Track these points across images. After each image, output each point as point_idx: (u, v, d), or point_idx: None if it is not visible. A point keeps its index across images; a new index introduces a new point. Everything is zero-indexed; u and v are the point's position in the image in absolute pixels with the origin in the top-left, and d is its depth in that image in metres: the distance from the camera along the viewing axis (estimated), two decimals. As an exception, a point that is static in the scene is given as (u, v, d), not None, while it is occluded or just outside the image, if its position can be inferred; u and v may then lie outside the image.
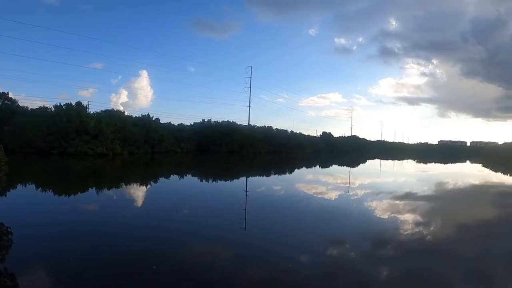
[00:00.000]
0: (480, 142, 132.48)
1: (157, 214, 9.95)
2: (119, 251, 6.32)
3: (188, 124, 54.14)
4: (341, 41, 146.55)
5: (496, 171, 37.21)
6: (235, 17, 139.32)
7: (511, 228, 10.26)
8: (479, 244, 7.99)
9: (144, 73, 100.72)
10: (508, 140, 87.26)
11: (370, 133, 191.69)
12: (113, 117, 39.40)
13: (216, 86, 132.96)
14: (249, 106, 65.48)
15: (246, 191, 15.23)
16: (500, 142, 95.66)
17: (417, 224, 9.42)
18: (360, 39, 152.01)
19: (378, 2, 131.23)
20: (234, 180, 21.35)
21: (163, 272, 5.30)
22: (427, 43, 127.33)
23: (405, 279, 5.54)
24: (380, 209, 11.57)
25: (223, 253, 6.53)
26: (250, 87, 66.02)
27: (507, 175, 32.85)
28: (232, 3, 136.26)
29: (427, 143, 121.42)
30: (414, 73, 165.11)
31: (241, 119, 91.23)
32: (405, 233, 8.43)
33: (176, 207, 11.13)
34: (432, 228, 9.19)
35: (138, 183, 16.97)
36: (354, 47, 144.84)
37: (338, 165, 39.25)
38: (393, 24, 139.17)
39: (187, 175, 22.88)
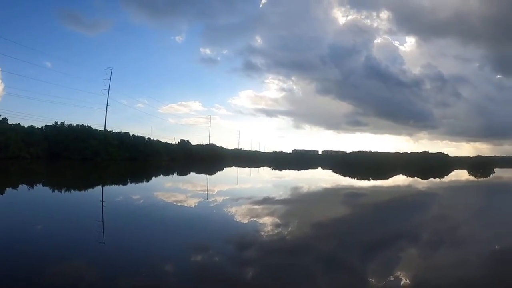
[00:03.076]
0: (331, 151, 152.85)
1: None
2: None
3: (40, 127, 49.88)
4: (207, 51, 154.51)
5: (344, 175, 44.54)
6: (107, 14, 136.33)
7: (360, 222, 12.17)
8: (334, 238, 9.39)
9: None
10: (355, 149, 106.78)
11: (228, 142, 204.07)
12: (-47, 115, 32.64)
13: (74, 86, 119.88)
14: (106, 110, 63.87)
15: (103, 201, 14.26)
16: (348, 151, 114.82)
17: (277, 225, 10.37)
18: (225, 52, 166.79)
19: (247, 19, 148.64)
20: (89, 190, 19.96)
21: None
22: (288, 61, 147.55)
23: (270, 276, 6.09)
24: (240, 214, 12.25)
25: (80, 270, 5.97)
26: (109, 89, 64.11)
27: (354, 178, 39.80)
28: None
29: (282, 151, 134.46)
30: (273, 88, 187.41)
31: (97, 124, 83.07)
32: (266, 234, 9.19)
33: (22, 223, 9.66)
34: (290, 228, 10.26)
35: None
36: (219, 59, 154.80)
37: (196, 173, 40.25)
38: (258, 41, 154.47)
39: (37, 184, 20.47)
